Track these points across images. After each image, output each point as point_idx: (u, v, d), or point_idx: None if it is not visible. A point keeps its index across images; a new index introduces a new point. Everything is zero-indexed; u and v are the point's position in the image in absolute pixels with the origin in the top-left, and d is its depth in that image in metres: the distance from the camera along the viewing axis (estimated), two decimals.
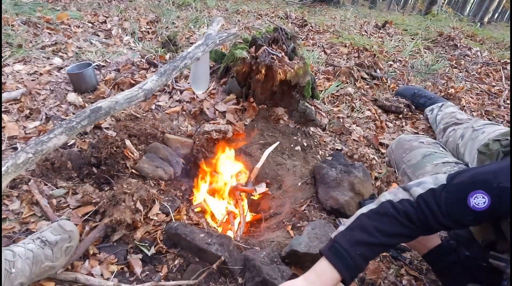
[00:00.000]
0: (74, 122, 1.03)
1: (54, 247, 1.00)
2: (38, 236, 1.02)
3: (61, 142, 0.99)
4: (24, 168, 0.91)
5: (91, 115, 1.06)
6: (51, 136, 0.98)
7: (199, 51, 1.41)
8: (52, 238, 1.01)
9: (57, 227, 1.04)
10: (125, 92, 1.17)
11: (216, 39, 1.52)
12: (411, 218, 0.85)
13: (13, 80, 1.77)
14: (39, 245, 0.99)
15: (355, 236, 0.85)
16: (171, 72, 1.30)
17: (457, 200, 0.84)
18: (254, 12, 4.38)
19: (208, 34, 1.52)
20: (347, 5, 7.27)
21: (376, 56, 2.90)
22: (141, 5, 3.57)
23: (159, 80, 1.26)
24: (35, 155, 0.92)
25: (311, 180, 1.61)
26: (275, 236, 1.33)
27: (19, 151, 0.91)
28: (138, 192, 1.23)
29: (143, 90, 1.20)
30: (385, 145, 1.95)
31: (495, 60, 3.53)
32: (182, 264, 1.15)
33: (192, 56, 1.38)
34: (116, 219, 1.14)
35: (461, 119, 1.88)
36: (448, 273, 1.09)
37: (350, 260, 0.82)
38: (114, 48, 2.41)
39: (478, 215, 0.81)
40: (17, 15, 2.49)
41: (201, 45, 1.44)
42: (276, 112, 1.86)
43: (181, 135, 1.66)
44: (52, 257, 0.99)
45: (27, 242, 1.00)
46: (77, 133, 1.05)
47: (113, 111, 1.11)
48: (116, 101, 1.13)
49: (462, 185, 0.85)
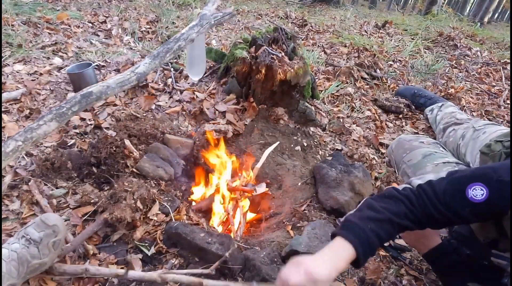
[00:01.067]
0: (64, 108, 0.98)
1: (39, 245, 0.97)
2: (22, 234, 0.98)
3: (51, 129, 0.95)
4: (14, 156, 0.87)
5: (82, 101, 1.02)
6: (40, 123, 0.93)
7: (193, 32, 1.33)
8: (36, 235, 0.97)
9: (40, 223, 0.99)
10: (117, 76, 1.12)
11: (211, 19, 1.43)
12: (412, 202, 0.88)
13: (13, 80, 1.77)
14: (23, 244, 0.96)
15: (364, 214, 0.87)
16: (165, 55, 1.23)
17: (456, 190, 0.85)
18: (254, 12, 4.38)
19: (202, 14, 1.45)
20: (347, 5, 7.27)
21: (376, 56, 2.90)
22: (141, 5, 3.57)
23: (152, 63, 1.20)
24: (24, 142, 0.88)
25: (311, 180, 1.61)
26: (275, 236, 1.33)
27: (8, 139, 0.87)
28: (139, 191, 1.23)
29: (135, 73, 1.15)
30: (385, 145, 1.95)
31: (495, 60, 3.53)
32: (182, 264, 1.15)
33: (186, 37, 1.30)
34: (116, 216, 1.13)
35: (461, 119, 1.88)
36: (448, 272, 1.09)
37: (363, 234, 0.83)
38: (114, 48, 2.42)
39: (475, 207, 0.82)
40: (17, 15, 2.49)
41: (195, 26, 1.36)
42: (276, 112, 1.86)
43: (181, 135, 1.66)
44: (39, 254, 0.96)
45: (12, 242, 0.97)
46: (68, 119, 1.00)
47: (104, 95, 1.06)
48: (108, 85, 1.07)
49: (462, 178, 0.87)
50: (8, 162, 0.91)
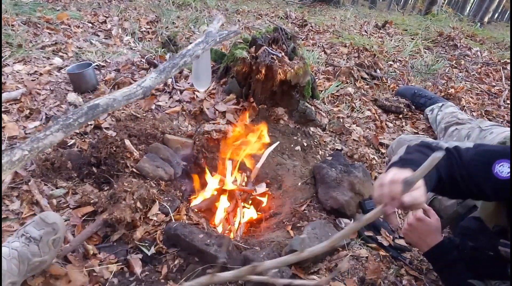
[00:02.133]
0: (71, 119, 1.00)
1: (39, 243, 0.97)
2: (22, 233, 0.99)
3: (57, 139, 0.97)
4: (20, 165, 0.89)
5: (89, 112, 1.04)
6: (47, 133, 0.95)
7: (199, 49, 1.39)
8: (36, 233, 0.98)
9: (39, 221, 1.00)
10: (123, 89, 1.14)
11: (216, 36, 1.49)
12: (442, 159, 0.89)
13: (13, 80, 1.77)
14: (24, 242, 0.97)
15: (414, 155, 0.87)
16: (170, 70, 1.27)
17: (483, 163, 0.85)
18: (254, 12, 4.38)
19: (208, 31, 1.50)
20: (347, 5, 7.27)
21: (376, 56, 2.90)
22: (141, 5, 3.57)
23: (158, 78, 1.23)
24: (30, 152, 0.90)
25: (311, 180, 1.61)
26: (275, 236, 1.33)
27: (14, 148, 0.89)
28: (139, 191, 1.23)
29: (141, 87, 1.18)
30: (385, 145, 1.95)
31: (495, 60, 3.53)
32: (182, 264, 1.15)
33: (192, 53, 1.35)
34: (116, 217, 1.13)
35: (463, 119, 1.89)
36: (449, 270, 1.08)
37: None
38: (114, 48, 2.41)
39: (498, 183, 0.82)
40: (17, 15, 2.49)
41: (201, 43, 1.42)
42: (276, 112, 1.86)
43: (181, 135, 1.65)
44: (39, 252, 0.97)
45: (12, 241, 0.98)
46: (74, 130, 1.02)
47: (111, 108, 1.09)
48: (114, 98, 1.10)
49: (491, 152, 0.87)
50: (14, 170, 0.92)
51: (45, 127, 1.52)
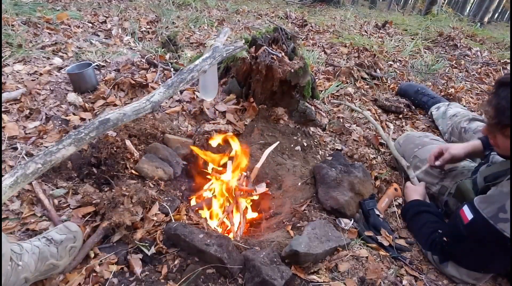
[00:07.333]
0: (83, 133, 1.06)
1: (59, 246, 1.03)
2: (44, 236, 1.06)
3: (69, 153, 1.02)
4: (33, 178, 0.94)
5: (100, 127, 1.10)
6: (60, 147, 1.00)
7: (206, 64, 1.44)
8: (58, 237, 1.05)
9: (62, 228, 1.08)
10: (133, 104, 1.21)
11: (223, 52, 1.54)
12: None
13: (13, 80, 1.77)
14: (45, 242, 1.02)
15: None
16: (178, 85, 1.32)
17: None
18: (254, 12, 4.39)
19: (215, 47, 1.55)
20: (347, 5, 7.27)
21: (376, 56, 2.90)
22: (141, 5, 3.57)
23: (166, 92, 1.28)
24: (44, 165, 0.95)
25: (311, 180, 1.61)
26: (275, 236, 1.33)
27: (28, 161, 0.93)
28: (137, 194, 1.24)
29: (150, 102, 1.23)
30: (385, 145, 1.95)
31: (495, 60, 3.53)
32: (182, 264, 1.15)
33: (199, 69, 1.40)
34: (115, 222, 1.14)
35: (477, 116, 1.90)
36: (417, 219, 1.43)
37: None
38: (114, 48, 2.42)
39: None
40: (17, 15, 2.49)
41: (208, 58, 1.47)
42: (276, 112, 1.86)
43: (181, 135, 1.65)
44: (57, 255, 1.02)
45: (33, 240, 1.03)
46: (85, 144, 1.08)
47: (120, 122, 1.15)
48: (124, 113, 1.16)
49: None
50: (27, 183, 0.97)
51: (45, 128, 1.53)
